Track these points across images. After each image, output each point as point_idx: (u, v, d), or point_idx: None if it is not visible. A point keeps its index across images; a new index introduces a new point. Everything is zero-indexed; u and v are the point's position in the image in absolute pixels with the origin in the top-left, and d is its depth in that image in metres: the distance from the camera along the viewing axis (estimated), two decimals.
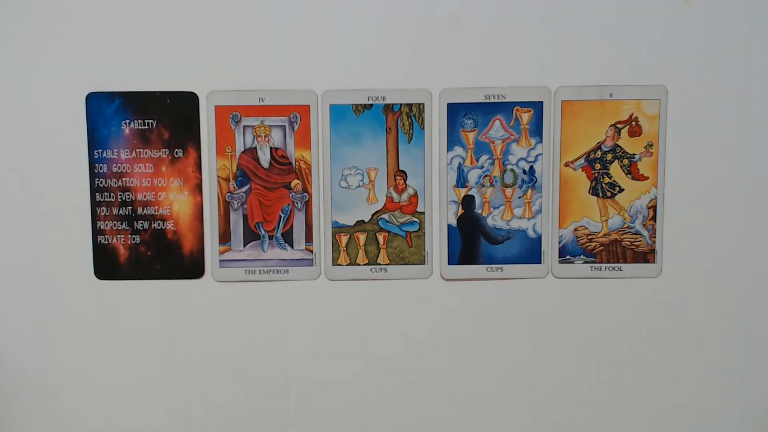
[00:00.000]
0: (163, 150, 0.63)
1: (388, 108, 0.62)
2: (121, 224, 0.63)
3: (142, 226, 0.63)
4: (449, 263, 0.64)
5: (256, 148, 0.63)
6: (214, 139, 0.63)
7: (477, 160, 0.63)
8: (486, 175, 0.63)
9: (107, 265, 0.63)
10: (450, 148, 0.63)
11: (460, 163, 0.63)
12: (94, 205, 0.63)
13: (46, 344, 0.64)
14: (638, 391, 0.65)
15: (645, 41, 0.62)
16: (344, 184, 0.63)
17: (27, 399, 0.64)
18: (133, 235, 0.63)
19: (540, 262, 0.64)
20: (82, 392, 0.55)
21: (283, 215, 0.64)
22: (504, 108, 0.62)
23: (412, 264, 0.64)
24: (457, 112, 0.62)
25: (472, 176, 0.63)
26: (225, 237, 0.63)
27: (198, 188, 0.63)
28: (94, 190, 0.63)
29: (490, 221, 0.64)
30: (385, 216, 0.64)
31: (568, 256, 0.64)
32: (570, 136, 0.63)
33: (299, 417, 0.65)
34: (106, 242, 0.63)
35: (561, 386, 0.58)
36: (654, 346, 0.64)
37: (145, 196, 0.63)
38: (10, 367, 0.64)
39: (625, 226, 0.64)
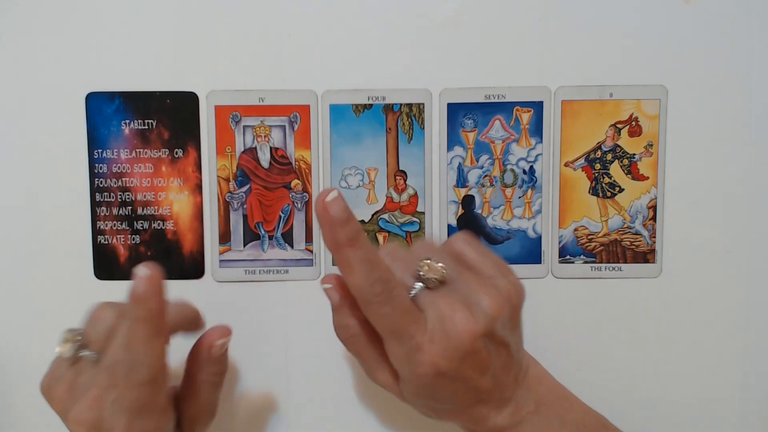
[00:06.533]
0: (163, 150, 0.63)
1: (388, 108, 0.62)
2: (121, 224, 0.63)
3: (142, 226, 0.63)
4: None
5: (256, 148, 0.63)
6: (214, 139, 0.63)
7: (477, 160, 0.63)
8: (486, 175, 0.63)
9: (107, 265, 0.63)
10: (450, 148, 0.63)
11: (460, 163, 0.63)
12: (94, 205, 0.63)
13: (46, 345, 0.64)
14: (638, 391, 0.65)
15: (645, 41, 0.62)
16: (344, 184, 0.63)
17: (26, 400, 0.64)
18: (133, 235, 0.63)
19: (540, 262, 0.64)
20: None
21: (283, 215, 0.64)
22: (504, 108, 0.62)
23: None
24: (457, 112, 0.62)
25: (472, 176, 0.63)
26: (225, 237, 0.63)
27: (198, 188, 0.63)
28: (94, 190, 0.63)
29: (490, 221, 0.64)
30: (385, 216, 0.64)
31: (568, 256, 0.64)
32: (570, 136, 0.63)
33: (299, 417, 0.65)
34: (106, 242, 0.63)
35: None
36: (654, 346, 0.64)
37: (145, 196, 0.63)
38: (9, 368, 0.64)
39: (625, 226, 0.64)
